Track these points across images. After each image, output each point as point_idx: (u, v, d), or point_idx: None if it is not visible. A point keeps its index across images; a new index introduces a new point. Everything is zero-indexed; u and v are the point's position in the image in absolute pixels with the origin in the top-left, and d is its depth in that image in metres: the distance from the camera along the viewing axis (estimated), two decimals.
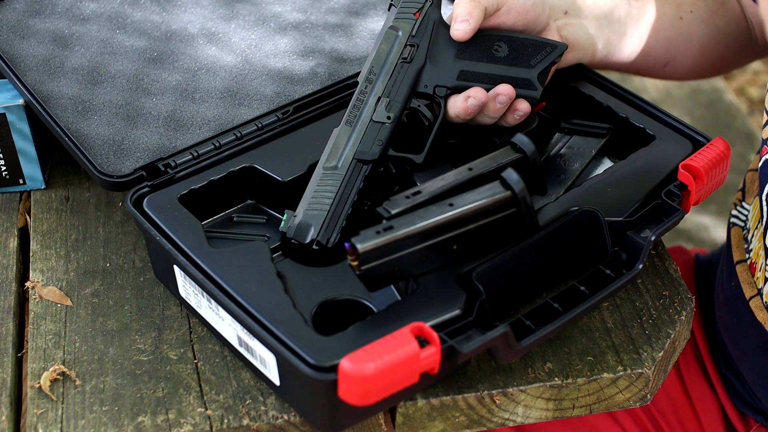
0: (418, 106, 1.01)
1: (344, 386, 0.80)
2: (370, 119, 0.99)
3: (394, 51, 1.02)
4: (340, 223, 0.95)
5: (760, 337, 1.10)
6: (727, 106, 2.72)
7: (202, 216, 0.99)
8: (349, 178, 0.97)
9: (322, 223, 0.95)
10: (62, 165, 1.15)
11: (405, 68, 1.01)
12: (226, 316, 0.90)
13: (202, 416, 0.89)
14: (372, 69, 1.01)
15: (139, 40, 1.16)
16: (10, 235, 1.08)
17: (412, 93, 1.01)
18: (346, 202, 0.96)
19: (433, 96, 1.01)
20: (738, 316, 1.13)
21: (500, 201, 0.89)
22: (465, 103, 0.99)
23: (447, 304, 0.88)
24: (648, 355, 0.94)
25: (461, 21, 0.99)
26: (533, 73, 1.01)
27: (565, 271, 0.98)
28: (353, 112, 1.00)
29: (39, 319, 0.98)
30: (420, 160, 0.99)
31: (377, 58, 1.01)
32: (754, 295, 1.10)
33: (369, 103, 1.00)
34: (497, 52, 1.01)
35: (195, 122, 1.08)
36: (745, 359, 1.14)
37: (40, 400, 0.91)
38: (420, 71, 1.01)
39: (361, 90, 1.00)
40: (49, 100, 1.08)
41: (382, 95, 1.00)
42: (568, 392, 0.93)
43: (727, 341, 1.17)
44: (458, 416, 0.92)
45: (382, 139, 0.98)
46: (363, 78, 1.01)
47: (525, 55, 1.01)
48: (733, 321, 1.15)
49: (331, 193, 0.96)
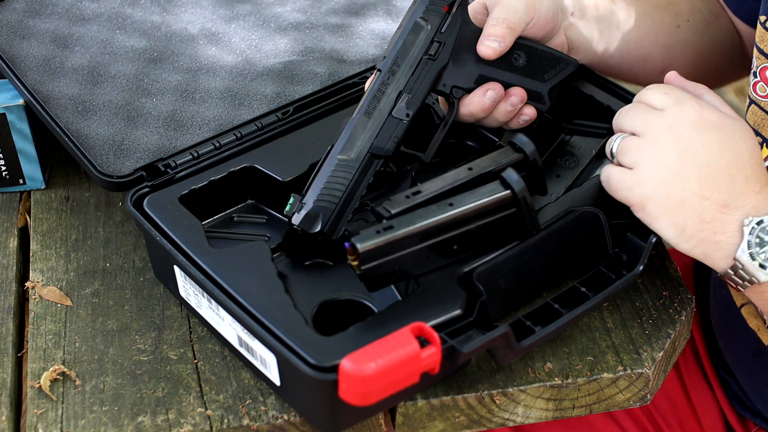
0: (432, 103, 1.01)
1: (345, 386, 0.80)
2: (389, 114, 0.98)
3: (420, 45, 1.00)
4: (347, 216, 0.95)
5: (753, 344, 1.10)
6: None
7: (203, 216, 0.99)
8: (361, 171, 0.96)
9: (330, 215, 0.94)
10: (62, 165, 1.15)
11: (429, 65, 1.00)
12: (226, 316, 0.90)
13: (202, 416, 0.89)
14: (396, 60, 0.99)
15: (139, 41, 1.16)
16: (10, 235, 1.07)
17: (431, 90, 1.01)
18: (354, 196, 0.95)
19: (449, 95, 1.01)
20: (731, 322, 1.14)
21: (500, 201, 0.89)
22: (483, 98, 1.00)
23: (447, 304, 0.88)
24: (648, 355, 0.94)
25: (492, 40, 0.99)
26: (545, 87, 1.02)
27: (565, 272, 0.98)
28: (373, 103, 0.98)
29: (39, 319, 0.98)
30: (428, 159, 0.99)
31: (403, 49, 1.00)
32: (746, 302, 1.10)
33: (389, 95, 0.99)
34: (516, 61, 1.02)
35: (195, 122, 1.08)
36: (740, 365, 1.14)
37: (40, 400, 0.91)
38: (442, 70, 1.01)
39: (383, 81, 0.99)
40: (49, 100, 1.08)
41: (404, 90, 0.99)
42: (568, 392, 0.93)
43: (723, 347, 1.17)
44: (458, 416, 0.92)
45: (398, 137, 0.97)
46: (386, 68, 0.99)
47: (540, 67, 1.02)
48: (727, 328, 1.16)
49: (343, 185, 0.95)
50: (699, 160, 0.88)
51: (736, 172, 0.88)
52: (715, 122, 0.89)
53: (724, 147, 0.88)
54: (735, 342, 1.14)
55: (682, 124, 0.89)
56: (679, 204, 0.88)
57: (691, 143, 0.88)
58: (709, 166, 0.88)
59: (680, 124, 0.89)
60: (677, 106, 0.90)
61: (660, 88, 0.93)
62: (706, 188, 0.88)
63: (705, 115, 0.90)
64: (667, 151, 0.88)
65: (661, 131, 0.89)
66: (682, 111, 0.90)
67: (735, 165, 0.88)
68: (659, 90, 0.93)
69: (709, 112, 0.90)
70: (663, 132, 0.89)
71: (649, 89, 0.93)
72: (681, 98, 0.91)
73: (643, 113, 0.91)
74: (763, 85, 1.06)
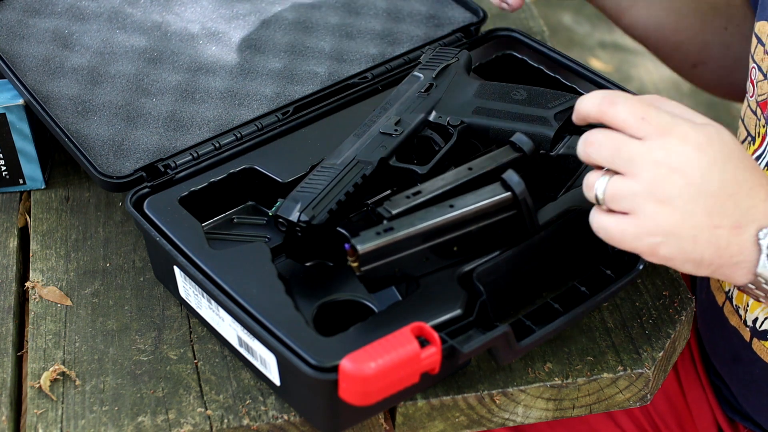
0: (430, 134, 1.02)
1: (345, 386, 0.80)
2: (379, 131, 1.00)
3: (413, 89, 1.05)
4: (330, 205, 0.93)
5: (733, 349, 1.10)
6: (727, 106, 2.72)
7: (203, 218, 0.99)
8: (346, 173, 0.96)
9: (309, 202, 0.93)
10: (62, 165, 1.15)
11: (421, 98, 1.03)
12: (226, 316, 0.90)
13: (202, 416, 0.89)
14: (389, 101, 1.04)
15: (139, 40, 1.16)
16: (10, 235, 1.08)
17: (426, 122, 1.02)
18: (338, 190, 0.95)
19: (446, 127, 1.01)
20: (714, 327, 1.14)
21: (501, 203, 0.89)
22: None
23: (448, 304, 0.88)
24: (648, 355, 0.95)
25: None
26: (550, 113, 1.01)
27: (565, 272, 0.98)
28: (363, 129, 1.01)
29: (39, 319, 0.98)
30: (424, 171, 0.98)
31: (395, 95, 1.04)
32: (725, 300, 1.10)
33: (379, 119, 1.01)
34: (515, 96, 1.03)
35: (195, 123, 1.08)
36: (725, 369, 1.14)
37: (40, 400, 0.91)
38: (436, 103, 1.03)
39: (373, 115, 1.02)
40: (49, 100, 1.08)
41: (394, 115, 1.01)
42: (568, 392, 0.93)
43: (709, 351, 1.17)
44: (458, 416, 0.92)
45: (387, 146, 0.98)
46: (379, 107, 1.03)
47: (543, 99, 1.02)
48: (711, 332, 1.16)
49: (325, 180, 0.95)
50: (702, 191, 0.82)
51: (738, 189, 0.83)
52: (701, 142, 0.83)
53: (719, 167, 0.83)
54: (719, 346, 1.15)
55: (674, 158, 0.82)
56: (693, 241, 0.83)
57: (689, 176, 0.82)
58: (713, 194, 0.82)
59: (671, 158, 0.82)
60: (662, 138, 0.82)
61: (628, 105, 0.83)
62: (716, 217, 0.82)
63: (691, 139, 0.82)
64: (667, 192, 0.81)
65: (653, 170, 0.81)
66: (668, 143, 0.82)
67: (735, 181, 0.83)
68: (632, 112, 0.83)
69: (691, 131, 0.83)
70: (655, 171, 0.81)
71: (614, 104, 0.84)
72: (662, 124, 0.83)
73: (620, 145, 0.83)
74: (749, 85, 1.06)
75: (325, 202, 0.93)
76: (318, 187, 0.94)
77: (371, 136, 0.99)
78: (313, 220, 0.92)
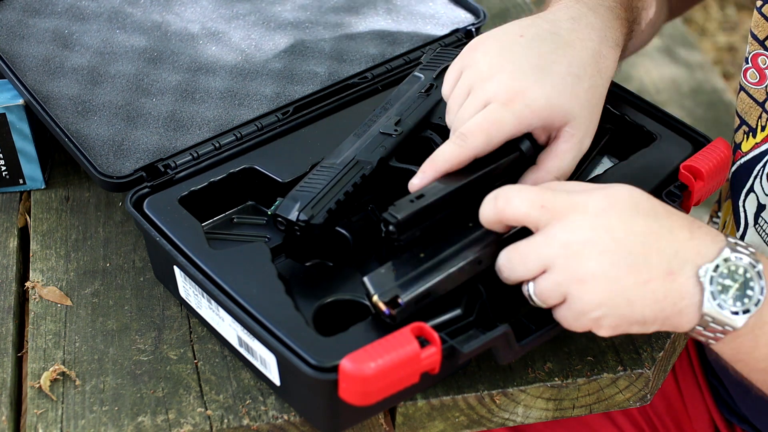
0: (430, 135, 1.01)
1: (345, 386, 0.81)
2: (378, 131, 1.00)
3: (414, 89, 1.04)
4: (329, 205, 0.93)
5: None
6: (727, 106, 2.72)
7: (203, 218, 0.99)
8: (346, 172, 0.96)
9: (308, 201, 0.93)
10: (62, 165, 1.15)
11: (421, 99, 1.03)
12: (226, 316, 0.90)
13: (202, 416, 0.89)
14: (390, 101, 1.03)
15: (139, 40, 1.16)
16: (10, 235, 1.08)
17: (426, 123, 1.02)
18: (338, 190, 0.95)
19: (446, 128, 1.01)
20: None
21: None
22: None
23: (448, 304, 0.88)
24: (648, 355, 0.95)
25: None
26: None
27: None
28: (363, 129, 1.00)
29: (39, 319, 0.98)
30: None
31: (395, 95, 1.04)
32: None
33: (379, 119, 1.01)
34: None
35: (195, 122, 1.08)
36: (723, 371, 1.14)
37: (40, 400, 0.91)
38: (437, 104, 1.02)
39: (374, 114, 1.02)
40: (49, 100, 1.08)
41: (394, 115, 1.01)
42: (568, 392, 0.93)
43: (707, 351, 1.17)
44: (458, 416, 0.92)
45: (386, 146, 0.98)
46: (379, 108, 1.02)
47: None
48: None
49: (324, 180, 0.95)
50: (619, 253, 0.80)
51: (657, 238, 0.81)
52: (603, 207, 0.81)
53: (629, 224, 0.81)
54: None
55: (578, 234, 0.81)
56: (628, 304, 0.80)
57: (600, 244, 0.80)
58: (631, 252, 0.80)
59: (576, 235, 0.81)
60: (562, 220, 0.81)
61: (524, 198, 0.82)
62: (643, 273, 0.80)
63: (591, 208, 0.81)
64: (584, 268, 0.80)
65: (563, 253, 0.80)
66: (569, 221, 0.81)
67: (650, 232, 0.81)
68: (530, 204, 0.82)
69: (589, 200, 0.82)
70: (566, 253, 0.80)
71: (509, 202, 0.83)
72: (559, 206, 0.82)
73: (525, 252, 0.83)
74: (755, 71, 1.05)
75: (324, 202, 0.93)
76: (317, 186, 0.94)
77: (371, 136, 0.99)
78: (312, 220, 0.92)
